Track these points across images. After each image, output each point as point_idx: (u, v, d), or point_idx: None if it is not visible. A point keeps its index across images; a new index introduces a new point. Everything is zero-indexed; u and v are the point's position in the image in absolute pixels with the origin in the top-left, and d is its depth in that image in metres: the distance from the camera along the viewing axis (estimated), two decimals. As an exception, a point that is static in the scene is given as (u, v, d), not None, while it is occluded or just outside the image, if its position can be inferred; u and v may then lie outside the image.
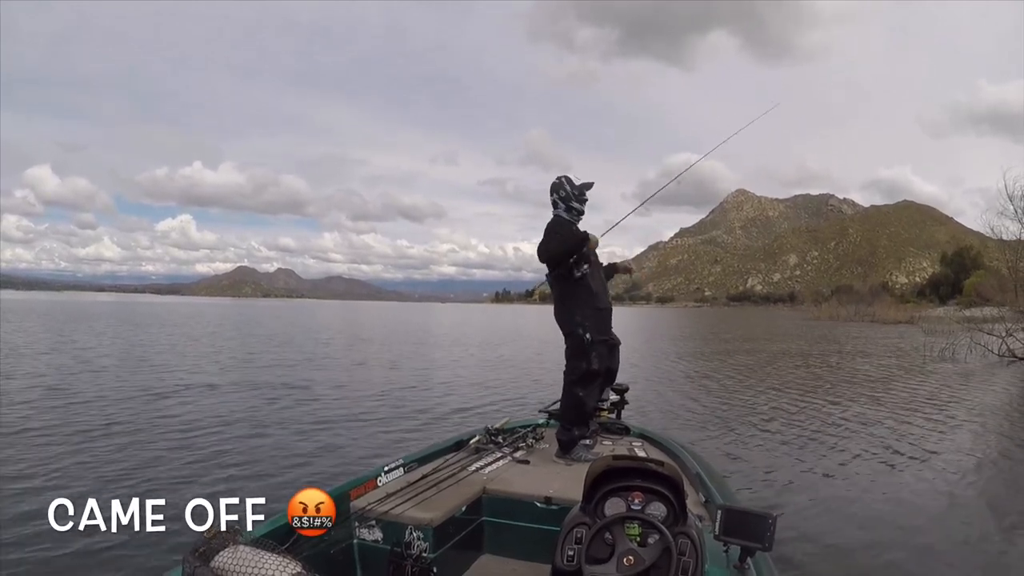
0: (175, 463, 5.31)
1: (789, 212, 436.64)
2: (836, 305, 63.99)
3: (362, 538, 2.38)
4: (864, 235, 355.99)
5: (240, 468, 5.20)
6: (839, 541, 3.81)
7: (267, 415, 7.51)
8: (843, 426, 7.47)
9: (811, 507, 4.42)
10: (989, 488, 5.18)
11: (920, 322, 24.35)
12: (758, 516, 1.68)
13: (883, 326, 38.86)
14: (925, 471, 5.56)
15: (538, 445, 3.34)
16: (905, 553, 3.69)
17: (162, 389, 9.37)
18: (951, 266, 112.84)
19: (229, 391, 9.31)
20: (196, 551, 1.55)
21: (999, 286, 19.08)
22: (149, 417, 7.21)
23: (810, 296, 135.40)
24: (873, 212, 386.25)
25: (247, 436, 6.37)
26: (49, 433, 6.28)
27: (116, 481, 4.76)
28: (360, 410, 7.94)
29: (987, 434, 7.33)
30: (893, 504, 4.59)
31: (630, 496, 1.75)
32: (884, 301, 60.56)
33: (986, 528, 4.21)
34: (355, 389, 9.87)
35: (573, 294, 3.25)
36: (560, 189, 3.28)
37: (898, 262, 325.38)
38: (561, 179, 3.30)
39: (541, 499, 2.56)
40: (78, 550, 3.44)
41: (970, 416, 8.31)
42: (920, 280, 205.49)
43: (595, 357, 3.23)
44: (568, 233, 3.22)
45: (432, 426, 7.08)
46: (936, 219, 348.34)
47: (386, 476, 2.68)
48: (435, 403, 8.64)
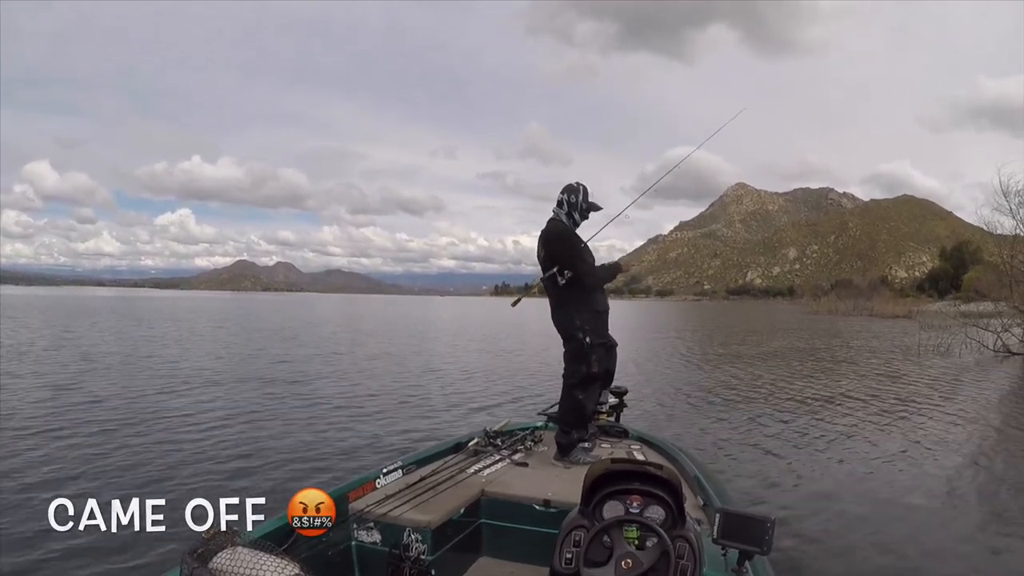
0: (175, 462, 5.31)
1: (789, 206, 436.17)
2: (835, 299, 64.05)
3: (360, 540, 2.39)
4: (864, 229, 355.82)
5: (239, 469, 5.20)
6: (838, 544, 3.80)
7: (266, 416, 7.48)
8: (840, 426, 7.45)
9: (810, 510, 4.41)
10: (985, 486, 5.19)
11: (918, 317, 24.41)
12: (757, 520, 1.68)
13: (881, 320, 38.88)
14: (922, 471, 5.56)
15: (537, 448, 3.34)
16: (905, 553, 3.70)
17: (161, 387, 9.36)
18: (950, 261, 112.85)
19: (228, 390, 9.30)
20: (194, 552, 1.55)
21: (997, 281, 19.10)
22: (149, 416, 7.20)
23: (809, 290, 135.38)
24: (873, 206, 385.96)
25: (246, 436, 6.35)
26: (49, 432, 6.27)
27: (116, 481, 4.76)
28: (359, 411, 7.91)
29: (981, 430, 7.35)
30: (892, 504, 4.59)
31: (628, 499, 1.75)
32: (882, 295, 60.85)
33: (981, 526, 4.22)
34: (355, 389, 9.84)
35: (572, 298, 3.23)
36: (574, 194, 3.28)
37: (898, 256, 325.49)
38: (581, 187, 3.30)
39: (540, 502, 2.57)
40: (78, 550, 3.44)
41: (964, 412, 8.33)
42: (920, 275, 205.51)
43: (595, 360, 3.23)
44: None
45: (431, 428, 7.06)
46: (936, 213, 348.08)
47: (385, 478, 2.69)
48: (434, 404, 8.62)
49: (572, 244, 3.21)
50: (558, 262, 3.20)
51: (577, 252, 3.20)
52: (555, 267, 3.20)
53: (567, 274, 3.18)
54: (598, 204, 3.33)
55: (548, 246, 3.25)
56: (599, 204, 3.33)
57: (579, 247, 3.24)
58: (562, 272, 3.19)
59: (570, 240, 3.23)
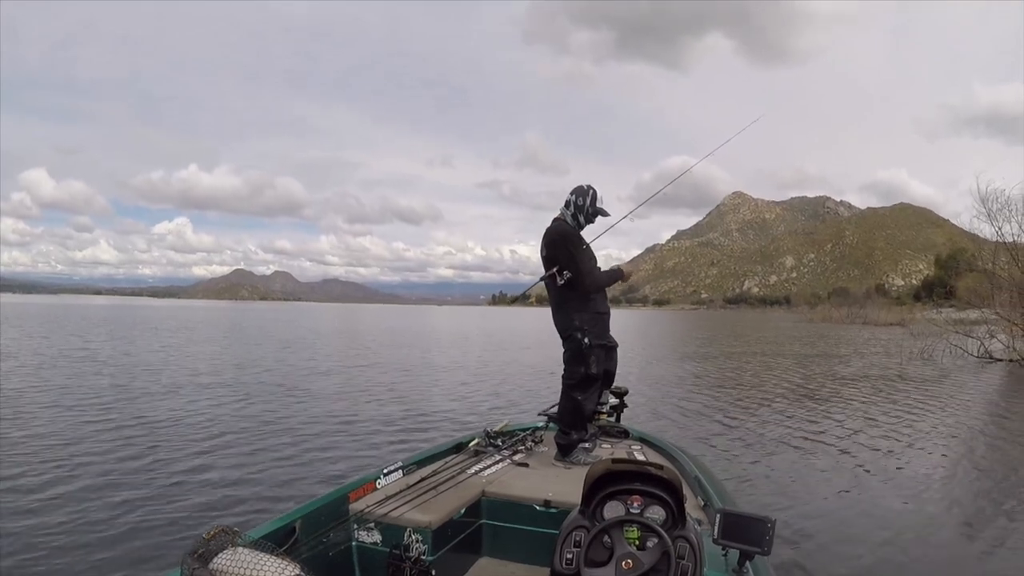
0: (175, 464, 5.29)
1: (786, 214, 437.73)
2: (830, 308, 64.86)
3: (361, 540, 2.38)
4: (861, 237, 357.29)
5: (239, 470, 5.18)
6: (838, 544, 3.80)
7: (266, 417, 7.48)
8: (837, 427, 7.51)
9: (810, 510, 4.42)
10: (980, 487, 5.21)
11: (910, 324, 24.71)
12: (757, 520, 1.68)
13: (875, 328, 39.22)
14: (920, 470, 5.59)
15: (537, 448, 3.34)
16: (904, 553, 3.70)
17: (162, 391, 9.34)
18: (945, 269, 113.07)
19: (229, 394, 9.28)
20: (195, 552, 1.54)
21: (976, 289, 19.36)
22: (148, 418, 7.18)
23: (805, 299, 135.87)
24: (870, 214, 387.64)
25: (246, 438, 6.35)
26: (49, 435, 6.25)
27: (116, 482, 4.72)
28: (359, 413, 7.92)
29: (967, 432, 7.41)
30: (890, 504, 4.60)
31: (629, 499, 1.75)
32: (876, 304, 61.51)
33: (975, 524, 4.23)
34: (355, 392, 9.85)
35: (572, 298, 3.23)
36: (583, 196, 3.26)
37: (894, 264, 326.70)
38: (591, 190, 3.28)
39: (540, 502, 2.56)
40: (78, 550, 3.44)
41: (949, 416, 8.42)
42: (916, 282, 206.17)
43: (594, 361, 3.22)
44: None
45: (431, 429, 7.06)
46: (932, 221, 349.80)
47: (385, 478, 2.68)
48: (434, 405, 8.62)
49: (573, 245, 3.20)
50: (558, 262, 3.19)
51: (578, 253, 3.19)
52: (555, 267, 3.20)
53: (566, 275, 3.18)
54: (606, 210, 3.31)
55: (550, 246, 3.25)
56: (607, 210, 3.31)
57: (580, 248, 3.22)
58: (561, 272, 3.19)
59: (571, 241, 3.21)
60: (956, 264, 23.57)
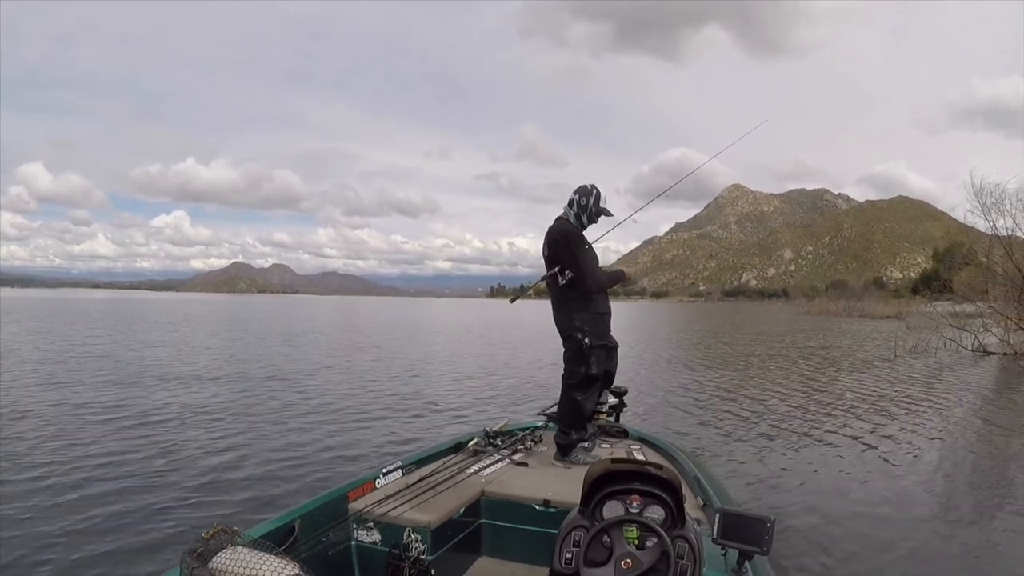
0: (174, 463, 5.28)
1: (784, 207, 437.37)
2: (828, 301, 65.14)
3: (360, 540, 2.38)
4: (859, 230, 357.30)
5: (238, 469, 5.17)
6: (838, 544, 3.80)
7: (266, 416, 7.46)
8: (833, 423, 7.52)
9: (809, 509, 4.42)
10: (977, 485, 5.25)
11: (907, 317, 24.77)
12: (756, 520, 1.68)
13: (872, 321, 39.32)
14: (918, 467, 5.61)
15: (537, 448, 3.34)
16: (904, 554, 3.71)
17: (160, 388, 9.33)
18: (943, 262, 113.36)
19: (227, 392, 9.26)
20: (194, 552, 1.54)
21: (971, 283, 19.42)
22: (147, 416, 7.17)
23: (803, 292, 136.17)
24: (868, 207, 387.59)
25: (245, 437, 6.33)
26: (47, 432, 6.24)
27: (116, 480, 4.72)
28: (358, 412, 7.89)
29: (958, 429, 7.42)
30: (888, 504, 4.60)
31: (628, 499, 1.75)
32: (874, 296, 61.78)
33: (972, 523, 4.25)
34: (354, 390, 9.82)
35: (573, 298, 3.22)
36: (586, 196, 3.25)
37: (893, 257, 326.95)
38: (595, 190, 3.27)
39: (539, 502, 2.57)
40: (78, 550, 3.43)
41: (944, 411, 8.46)
42: (915, 275, 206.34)
43: (594, 362, 3.21)
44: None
45: (431, 428, 7.05)
46: (931, 214, 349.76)
47: (384, 478, 2.68)
48: (434, 405, 8.60)
49: (576, 245, 3.19)
50: (560, 262, 3.18)
51: (580, 253, 3.18)
52: (556, 267, 3.19)
53: (567, 274, 3.17)
54: (609, 210, 3.30)
55: (552, 245, 3.23)
56: (610, 210, 3.30)
57: (582, 248, 3.21)
58: (563, 272, 3.18)
59: (574, 240, 3.20)
60: (951, 259, 23.56)
